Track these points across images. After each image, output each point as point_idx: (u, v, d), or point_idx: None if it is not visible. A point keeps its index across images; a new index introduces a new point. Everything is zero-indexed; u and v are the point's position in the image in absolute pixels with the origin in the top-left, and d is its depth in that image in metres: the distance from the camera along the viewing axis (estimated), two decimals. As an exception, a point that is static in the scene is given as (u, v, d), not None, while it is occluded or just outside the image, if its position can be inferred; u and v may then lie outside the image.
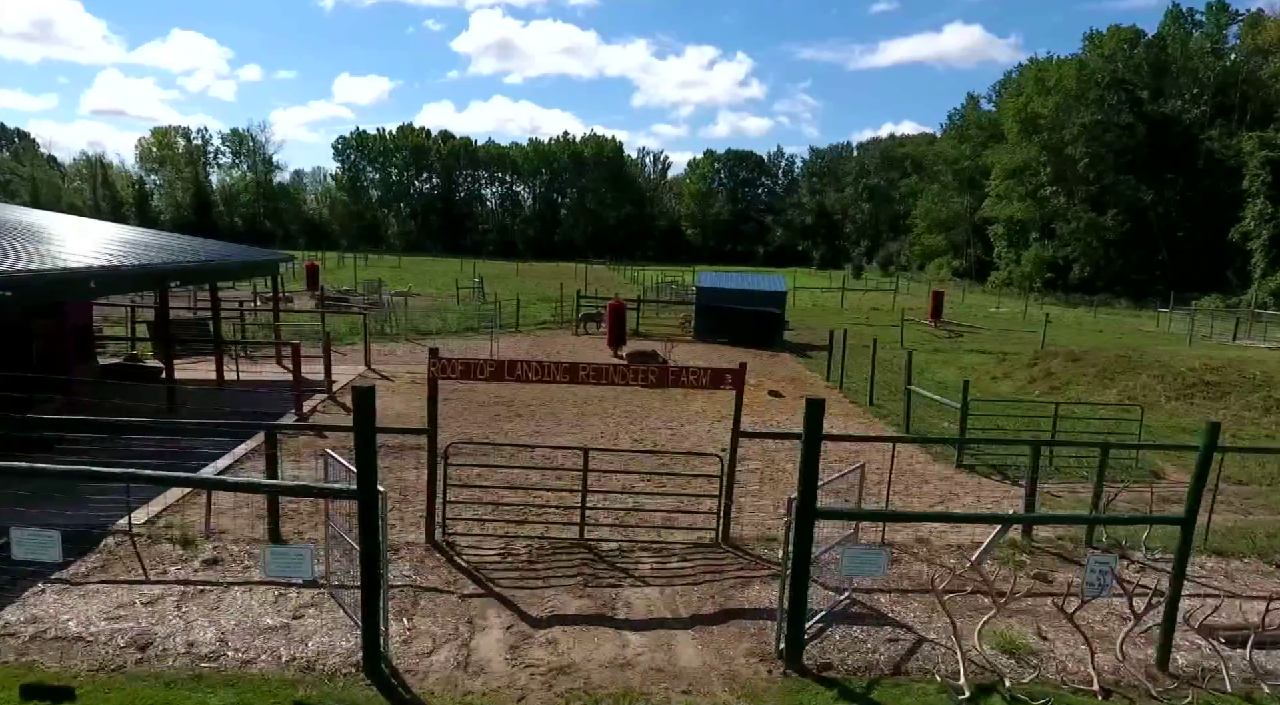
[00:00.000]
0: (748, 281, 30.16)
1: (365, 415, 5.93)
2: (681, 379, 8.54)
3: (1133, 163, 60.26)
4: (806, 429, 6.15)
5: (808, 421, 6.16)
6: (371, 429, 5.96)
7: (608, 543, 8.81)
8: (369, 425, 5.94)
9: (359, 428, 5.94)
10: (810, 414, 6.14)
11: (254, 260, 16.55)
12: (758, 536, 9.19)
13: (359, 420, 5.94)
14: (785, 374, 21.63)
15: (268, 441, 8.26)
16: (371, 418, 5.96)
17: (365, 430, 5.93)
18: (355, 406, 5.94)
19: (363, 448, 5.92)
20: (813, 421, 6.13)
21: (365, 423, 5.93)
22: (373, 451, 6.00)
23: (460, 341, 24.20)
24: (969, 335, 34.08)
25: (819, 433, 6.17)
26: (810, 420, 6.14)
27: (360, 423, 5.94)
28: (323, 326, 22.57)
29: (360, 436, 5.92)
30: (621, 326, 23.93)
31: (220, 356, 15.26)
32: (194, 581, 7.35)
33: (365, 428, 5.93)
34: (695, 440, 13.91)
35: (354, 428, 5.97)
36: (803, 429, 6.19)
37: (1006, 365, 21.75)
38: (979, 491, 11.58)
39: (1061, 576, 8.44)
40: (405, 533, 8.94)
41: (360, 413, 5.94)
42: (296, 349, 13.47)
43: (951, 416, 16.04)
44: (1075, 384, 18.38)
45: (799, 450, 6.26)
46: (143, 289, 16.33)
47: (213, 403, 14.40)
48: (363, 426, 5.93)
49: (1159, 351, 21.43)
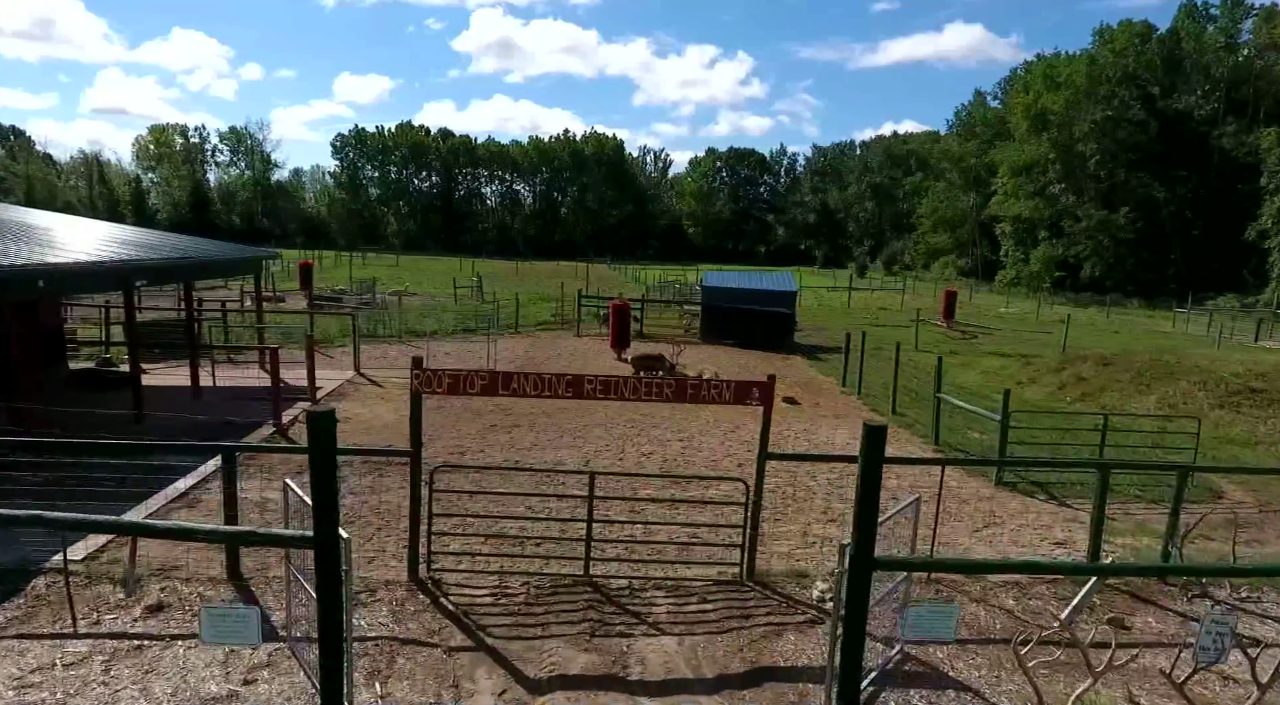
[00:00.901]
0: (756, 281, 29.05)
1: (323, 445, 4.79)
2: (701, 394, 7.43)
3: (1145, 160, 59.11)
4: (865, 462, 5.03)
5: (866, 453, 5.03)
6: (331, 462, 4.83)
7: (616, 579, 7.71)
8: (327, 457, 4.81)
9: (316, 461, 4.80)
10: (870, 444, 5.01)
11: (233, 258, 15.44)
12: (786, 571, 8.08)
13: (316, 451, 4.80)
14: (798, 378, 20.51)
15: (225, 465, 7.15)
16: (330, 447, 4.83)
17: (323, 464, 4.79)
18: (311, 435, 4.80)
19: (320, 485, 4.79)
20: (873, 453, 5.00)
21: (323, 454, 4.80)
22: (332, 489, 4.86)
23: (456, 343, 23.10)
24: (983, 336, 32.97)
25: (879, 467, 5.05)
26: (869, 451, 5.01)
27: (317, 454, 4.81)
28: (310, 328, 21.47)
29: (318, 472, 4.79)
30: (625, 328, 22.82)
31: (195, 361, 14.15)
32: (130, 635, 6.24)
33: (323, 460, 4.79)
34: (709, 454, 12.80)
35: (310, 460, 4.84)
36: (860, 462, 5.06)
37: (1032, 369, 20.63)
38: (1025, 514, 10.46)
39: (1139, 621, 7.34)
40: (386, 566, 7.84)
41: (317, 442, 4.80)
42: (274, 354, 12.37)
43: (981, 426, 14.95)
44: (1109, 390, 17.27)
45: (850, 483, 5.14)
46: (106, 289, 15.22)
47: (186, 412, 13.30)
48: (320, 459, 4.80)
49: (1196, 355, 20.30)
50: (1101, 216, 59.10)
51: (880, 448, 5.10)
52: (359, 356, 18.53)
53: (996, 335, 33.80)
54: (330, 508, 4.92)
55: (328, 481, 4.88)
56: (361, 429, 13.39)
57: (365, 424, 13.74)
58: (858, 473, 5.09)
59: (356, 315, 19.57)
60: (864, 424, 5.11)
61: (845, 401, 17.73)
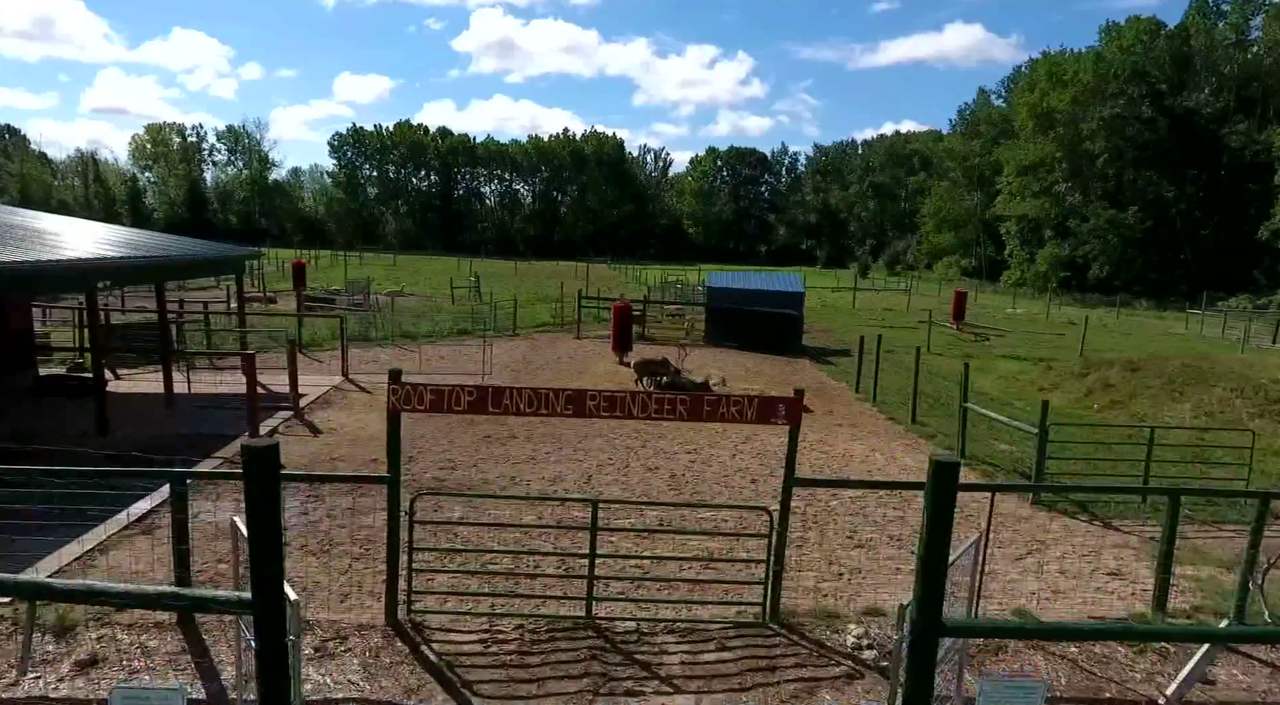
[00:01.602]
0: (762, 281, 28.11)
1: (263, 488, 3.84)
2: (720, 412, 6.50)
3: (1153, 158, 58.16)
4: (933, 506, 4.09)
5: (935, 495, 4.09)
6: (273, 508, 3.86)
7: (622, 622, 6.78)
8: (268, 502, 3.85)
9: (255, 508, 3.85)
10: (939, 484, 4.07)
11: (210, 257, 14.49)
12: (814, 610, 7.15)
13: (256, 496, 3.86)
14: (809, 384, 19.56)
15: (174, 496, 6.23)
16: (272, 490, 3.86)
17: (264, 510, 3.83)
18: (248, 475, 3.85)
19: (261, 538, 3.84)
20: (943, 495, 4.07)
21: (263, 499, 3.84)
22: (275, 540, 3.92)
23: (451, 347, 22.18)
24: (994, 338, 32.05)
25: (950, 512, 4.11)
26: (939, 493, 4.08)
27: (258, 500, 3.84)
28: (298, 331, 20.56)
29: (257, 521, 3.84)
30: (627, 330, 21.91)
31: (168, 367, 13.23)
32: (51, 699, 5.32)
33: (263, 506, 3.84)
34: (719, 468, 11.87)
35: (246, 507, 3.89)
36: (926, 507, 4.13)
37: (1053, 374, 19.70)
38: (1069, 538, 9.53)
39: (1222, 673, 6.42)
40: (361, 606, 6.92)
41: (257, 484, 3.85)
42: (250, 360, 11.43)
43: (1009, 436, 14.04)
44: (1139, 397, 16.35)
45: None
46: (65, 291, 14.31)
47: (156, 422, 12.38)
48: (260, 504, 3.84)
49: (1230, 360, 19.37)
50: (1110, 215, 58.14)
51: (952, 489, 4.14)
52: (347, 361, 17.60)
53: (1008, 337, 32.87)
54: (272, 564, 3.97)
55: (268, 532, 3.92)
56: (346, 440, 12.46)
57: (351, 435, 12.82)
58: (924, 519, 4.16)
59: (345, 318, 18.63)
60: (931, 459, 4.16)
61: (860, 409, 16.81)
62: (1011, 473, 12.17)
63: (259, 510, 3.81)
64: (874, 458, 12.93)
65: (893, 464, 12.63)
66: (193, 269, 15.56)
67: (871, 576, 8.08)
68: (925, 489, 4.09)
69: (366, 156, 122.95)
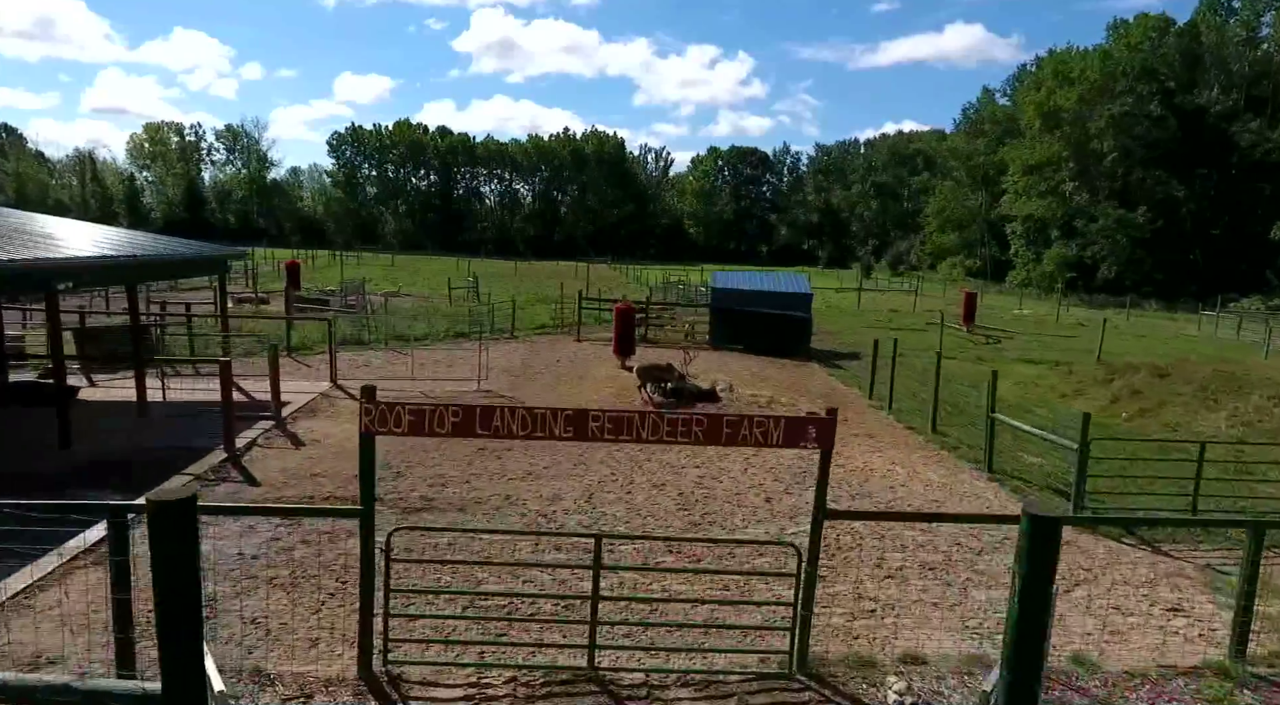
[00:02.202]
0: (768, 282, 27.27)
1: (174, 550, 2.99)
2: (741, 434, 5.66)
3: (1163, 157, 57.33)
4: (1029, 572, 3.25)
5: (1032, 555, 3.26)
6: (190, 579, 3.03)
7: (629, 673, 5.95)
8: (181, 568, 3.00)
9: (163, 577, 3.00)
10: (1038, 543, 3.24)
11: (188, 257, 13.63)
12: (846, 657, 6.32)
13: (163, 559, 3.00)
14: (819, 390, 18.77)
15: (112, 533, 5.38)
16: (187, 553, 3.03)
17: (175, 582, 2.99)
18: (155, 538, 3.00)
19: (171, 615, 3.00)
20: (1043, 555, 3.24)
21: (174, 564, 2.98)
22: (192, 615, 3.08)
23: (446, 351, 21.34)
24: (1005, 341, 31.22)
25: (1050, 579, 3.27)
26: (1037, 552, 3.25)
27: (165, 564, 2.99)
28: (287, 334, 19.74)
29: (167, 596, 2.99)
30: (630, 333, 21.07)
31: (141, 374, 12.39)
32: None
33: (174, 575, 2.99)
34: (731, 484, 11.03)
35: (154, 579, 3.03)
36: (1019, 571, 3.29)
37: (1075, 380, 18.86)
38: (1116, 565, 8.69)
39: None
40: (331, 654, 6.08)
41: (165, 545, 3.00)
42: (226, 367, 10.60)
43: (1036, 447, 13.22)
44: (1170, 405, 15.51)
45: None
46: (21, 292, 13.50)
47: (124, 434, 11.55)
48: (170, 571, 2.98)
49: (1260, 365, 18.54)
50: (1119, 215, 57.30)
51: (1054, 548, 3.31)
52: (336, 366, 16.77)
53: (1018, 339, 32.05)
54: (186, 646, 3.15)
55: (181, 608, 3.09)
56: (331, 453, 11.63)
57: (336, 447, 11.98)
58: (1016, 586, 3.32)
59: (334, 320, 17.79)
60: (1025, 513, 3.32)
61: (875, 418, 15.97)
62: (1045, 489, 11.34)
63: (169, 582, 2.99)
64: (895, 472, 12.09)
65: (915, 478, 11.79)
66: (168, 269, 14.74)
67: (906, 613, 7.24)
68: (1020, 549, 3.26)
69: (365, 156, 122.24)
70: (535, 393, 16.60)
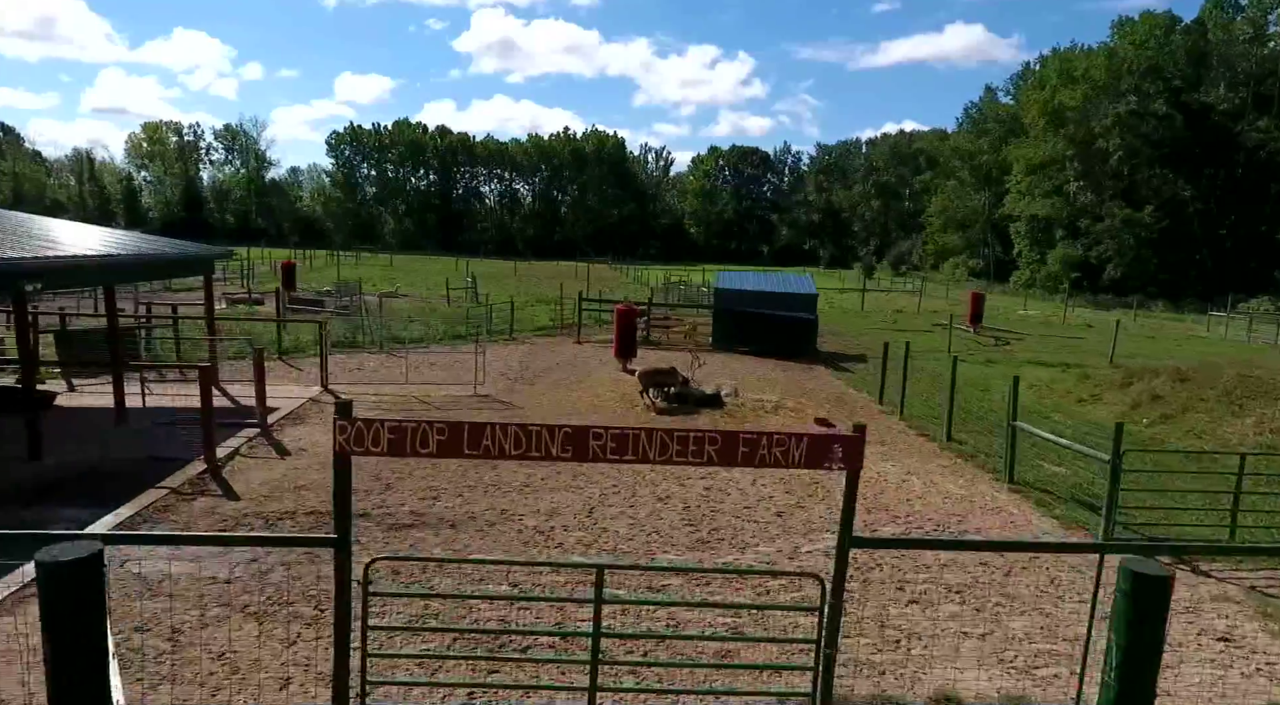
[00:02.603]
0: (773, 282, 26.69)
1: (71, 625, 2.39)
2: (759, 455, 5.07)
3: (1169, 156, 56.74)
4: (1131, 637, 2.67)
5: (1135, 614, 2.67)
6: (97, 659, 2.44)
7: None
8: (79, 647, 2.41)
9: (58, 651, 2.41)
10: (1144, 605, 2.65)
11: (169, 257, 13.04)
12: (873, 698, 5.74)
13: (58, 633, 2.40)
14: (828, 394, 18.18)
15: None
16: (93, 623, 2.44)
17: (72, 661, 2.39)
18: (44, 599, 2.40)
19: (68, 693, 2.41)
20: (1150, 614, 2.65)
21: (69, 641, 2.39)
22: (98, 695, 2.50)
23: (443, 353, 20.76)
24: (1013, 342, 30.64)
25: (1159, 646, 2.68)
26: (1143, 617, 2.66)
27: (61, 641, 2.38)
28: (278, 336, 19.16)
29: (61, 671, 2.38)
30: (631, 335, 20.49)
31: (119, 379, 11.82)
32: None
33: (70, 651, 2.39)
34: (739, 498, 10.45)
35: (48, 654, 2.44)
36: (1117, 637, 2.71)
37: (1090, 384, 18.27)
38: (1155, 587, 8.10)
39: None
40: (305, 694, 5.50)
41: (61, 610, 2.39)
42: (205, 373, 10.02)
43: (1056, 456, 12.64)
44: (1193, 410, 14.92)
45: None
46: None
47: (100, 443, 10.96)
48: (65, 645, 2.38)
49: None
50: (1126, 215, 56.71)
51: (1163, 606, 2.73)
52: (327, 370, 16.18)
53: (1026, 340, 31.49)
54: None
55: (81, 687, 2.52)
56: (317, 464, 11.04)
57: (323, 457, 11.37)
58: (1115, 656, 2.74)
59: (326, 321, 17.21)
60: (1125, 569, 2.74)
61: (887, 424, 15.38)
62: (1071, 501, 10.75)
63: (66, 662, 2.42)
64: (910, 482, 11.51)
65: (933, 489, 11.21)
66: (147, 270, 14.15)
67: (935, 645, 6.66)
68: (1118, 611, 2.68)
69: (364, 155, 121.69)
70: (534, 397, 16.03)
